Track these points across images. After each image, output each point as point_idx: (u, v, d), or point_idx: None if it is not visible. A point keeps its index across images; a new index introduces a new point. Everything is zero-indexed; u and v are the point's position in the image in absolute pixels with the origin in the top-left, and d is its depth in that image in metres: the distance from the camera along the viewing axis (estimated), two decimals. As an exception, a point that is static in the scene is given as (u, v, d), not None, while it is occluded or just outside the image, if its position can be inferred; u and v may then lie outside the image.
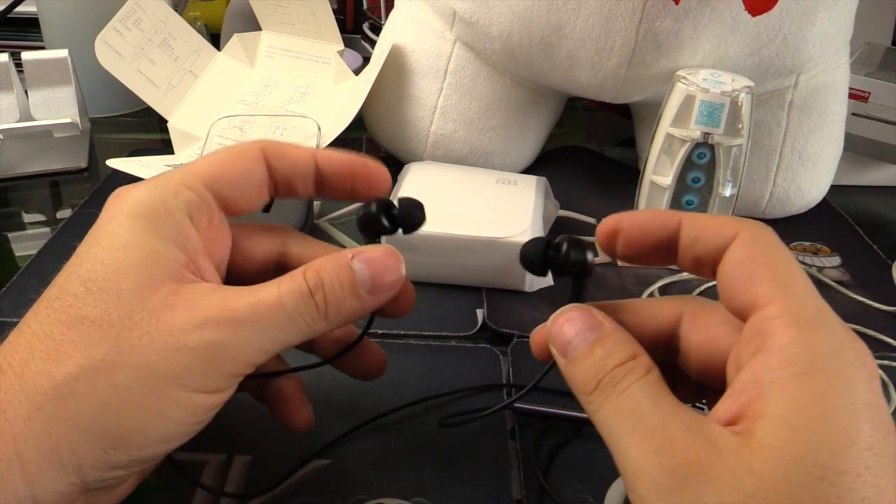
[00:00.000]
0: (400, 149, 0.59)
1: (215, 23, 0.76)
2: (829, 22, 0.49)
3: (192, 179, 0.27)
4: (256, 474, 0.32)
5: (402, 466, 0.33)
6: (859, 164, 0.62)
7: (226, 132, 0.60)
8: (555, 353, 0.25)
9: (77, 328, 0.24)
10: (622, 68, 0.49)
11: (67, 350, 0.24)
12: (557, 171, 0.59)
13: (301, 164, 0.29)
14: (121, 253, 0.25)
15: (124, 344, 0.24)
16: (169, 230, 0.25)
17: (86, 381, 0.23)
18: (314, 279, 0.26)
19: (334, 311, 0.26)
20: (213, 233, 0.28)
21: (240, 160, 0.28)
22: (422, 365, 0.39)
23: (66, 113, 0.59)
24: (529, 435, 0.35)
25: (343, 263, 0.26)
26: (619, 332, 0.25)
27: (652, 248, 0.26)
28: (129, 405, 0.23)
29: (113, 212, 0.26)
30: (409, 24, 0.57)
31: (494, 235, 0.44)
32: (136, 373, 0.23)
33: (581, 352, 0.24)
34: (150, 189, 0.26)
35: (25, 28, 0.80)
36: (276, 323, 0.25)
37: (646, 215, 0.27)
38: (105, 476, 0.24)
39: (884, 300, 0.47)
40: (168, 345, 0.24)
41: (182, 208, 0.26)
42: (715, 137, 0.45)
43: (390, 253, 0.27)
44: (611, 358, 0.23)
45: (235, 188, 0.28)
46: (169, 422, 0.24)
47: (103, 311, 0.24)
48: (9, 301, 0.43)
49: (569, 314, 0.25)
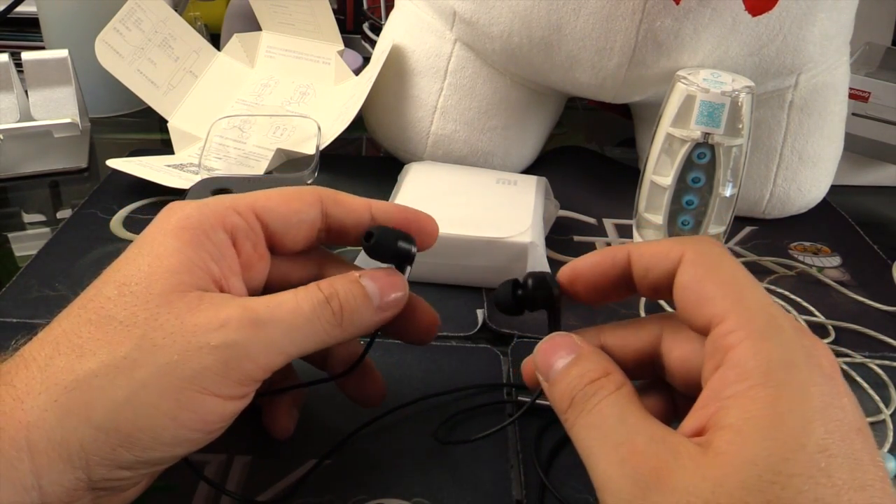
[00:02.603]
0: (400, 149, 0.59)
1: (215, 23, 0.76)
2: (829, 22, 0.49)
3: (244, 206, 0.28)
4: (256, 474, 0.32)
5: (402, 466, 0.33)
6: (859, 164, 0.62)
7: (226, 132, 0.60)
8: (541, 379, 0.27)
9: (104, 328, 0.25)
10: (622, 68, 0.49)
11: (91, 347, 0.24)
12: (557, 171, 0.59)
13: (356, 211, 0.30)
14: (157, 260, 0.26)
15: (147, 343, 0.24)
16: (209, 245, 0.27)
17: (105, 377, 0.24)
18: (328, 289, 0.27)
19: (349, 319, 0.27)
20: (255, 259, 0.29)
21: (295, 200, 0.29)
22: (422, 365, 0.39)
23: (66, 113, 0.59)
24: (530, 435, 0.35)
25: (353, 279, 0.28)
26: (595, 354, 0.26)
27: (611, 286, 0.28)
28: (144, 404, 0.24)
29: (161, 222, 0.27)
30: (410, 24, 0.57)
31: (494, 235, 0.44)
32: (155, 371, 0.24)
33: (559, 373, 0.26)
34: (200, 206, 0.28)
35: (25, 28, 0.80)
36: (294, 325, 0.26)
37: (596, 256, 0.28)
38: (110, 476, 0.24)
39: (884, 300, 0.47)
40: (190, 344, 0.24)
41: (227, 229, 0.28)
42: (715, 137, 0.45)
43: (392, 273, 0.29)
44: (584, 377, 0.25)
45: (284, 224, 0.29)
46: (180, 426, 0.24)
47: (131, 313, 0.25)
48: (9, 301, 0.43)
49: (551, 341, 0.27)
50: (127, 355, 0.24)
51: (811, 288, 0.48)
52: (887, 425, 0.37)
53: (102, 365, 0.24)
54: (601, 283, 0.28)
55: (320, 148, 0.56)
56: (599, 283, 0.28)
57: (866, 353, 0.42)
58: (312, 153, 0.56)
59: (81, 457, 0.23)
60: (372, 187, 0.56)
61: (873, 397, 0.39)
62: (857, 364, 0.41)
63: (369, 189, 0.56)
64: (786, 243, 0.54)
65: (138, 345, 0.24)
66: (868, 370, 0.41)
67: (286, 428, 0.33)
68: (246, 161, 0.59)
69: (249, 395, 0.26)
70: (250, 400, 0.27)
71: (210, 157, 0.58)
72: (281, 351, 0.26)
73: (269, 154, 0.58)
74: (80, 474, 0.24)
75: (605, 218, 0.55)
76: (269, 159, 0.57)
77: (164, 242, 0.26)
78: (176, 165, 0.57)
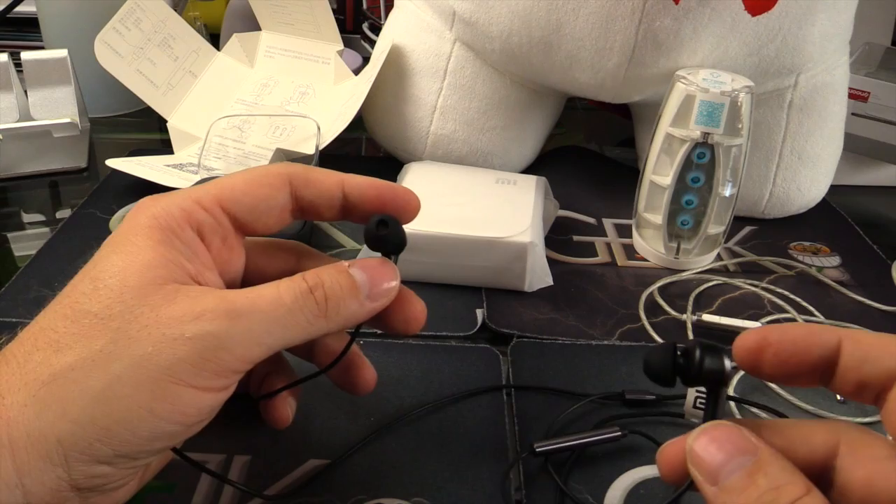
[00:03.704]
0: (399, 149, 0.59)
1: (215, 23, 0.76)
2: (829, 22, 0.49)
3: (209, 200, 0.28)
4: (256, 474, 0.32)
5: (401, 466, 0.33)
6: (859, 164, 0.62)
7: (225, 132, 0.60)
8: (697, 477, 0.22)
9: (80, 322, 0.24)
10: (622, 68, 0.49)
11: (68, 342, 0.24)
12: (557, 171, 0.59)
13: (328, 191, 0.29)
14: (131, 256, 0.26)
15: (122, 336, 0.24)
16: (179, 243, 0.26)
17: (81, 370, 0.24)
18: (313, 279, 0.27)
19: (334, 310, 0.27)
20: (226, 252, 0.29)
21: (261, 186, 0.28)
22: (421, 365, 0.39)
23: (66, 113, 0.59)
24: (530, 435, 0.35)
25: (341, 269, 0.27)
26: (781, 460, 0.21)
27: (807, 368, 0.24)
28: (120, 396, 0.24)
29: (131, 223, 0.27)
30: (409, 24, 0.57)
31: (494, 235, 0.44)
32: (130, 364, 0.24)
33: (739, 481, 0.21)
34: (166, 205, 0.27)
35: (25, 28, 0.80)
36: (275, 317, 0.25)
37: (800, 331, 0.24)
38: (91, 472, 0.24)
39: (884, 300, 0.47)
40: (165, 336, 0.24)
41: (193, 226, 0.27)
42: (715, 137, 0.45)
43: (385, 262, 0.29)
44: (781, 492, 0.20)
45: (253, 212, 0.28)
46: (157, 418, 0.24)
47: (106, 307, 0.24)
48: (8, 301, 0.43)
49: (713, 433, 0.22)
50: (102, 348, 0.24)
51: (811, 288, 0.48)
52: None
53: (79, 359, 0.24)
54: (795, 363, 0.24)
55: (320, 148, 0.56)
56: (793, 361, 0.24)
57: (866, 352, 0.42)
58: (312, 153, 0.56)
59: (59, 452, 0.23)
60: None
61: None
62: (857, 364, 0.41)
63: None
64: (785, 243, 0.54)
65: (113, 338, 0.24)
66: (868, 370, 0.41)
67: (284, 418, 0.32)
68: (245, 161, 0.59)
69: (230, 386, 0.26)
70: (231, 392, 0.26)
71: (209, 157, 0.58)
72: (259, 342, 0.25)
73: (268, 154, 0.58)
74: (60, 472, 0.23)
75: (604, 218, 0.55)
76: (268, 159, 0.57)
77: (136, 242, 0.26)
78: (175, 165, 0.57)
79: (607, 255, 0.51)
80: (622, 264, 0.50)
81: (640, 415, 0.37)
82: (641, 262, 0.50)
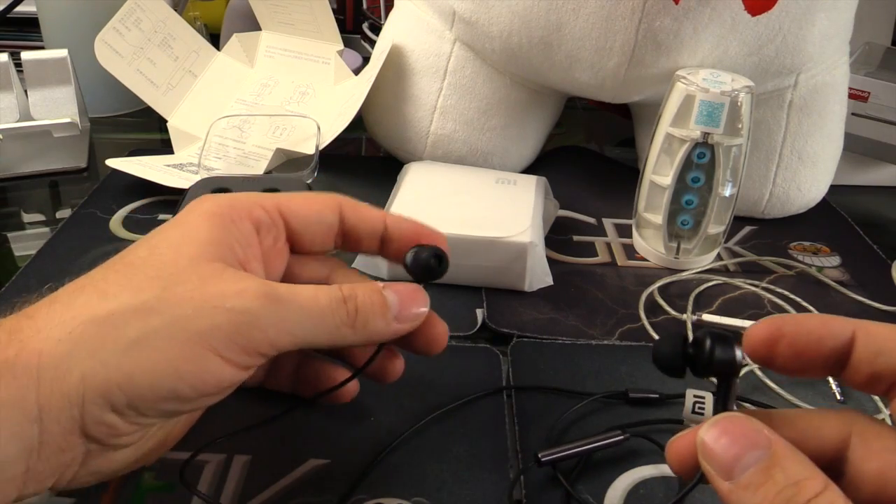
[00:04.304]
0: (399, 149, 0.59)
1: (215, 23, 0.76)
2: (829, 22, 0.49)
3: (269, 203, 0.30)
4: (256, 474, 0.32)
5: (401, 466, 0.33)
6: (859, 164, 0.62)
7: (225, 132, 0.60)
8: (710, 471, 0.21)
9: (130, 276, 0.26)
10: (622, 68, 0.49)
11: (114, 291, 0.26)
12: (557, 171, 0.59)
13: (372, 220, 0.32)
14: (189, 232, 0.28)
15: (167, 295, 0.25)
16: (236, 231, 0.29)
17: (121, 316, 0.25)
18: (348, 291, 0.28)
19: (362, 323, 0.28)
20: (274, 253, 0.31)
21: (316, 203, 0.31)
22: (421, 364, 0.39)
23: (66, 113, 0.59)
24: (530, 435, 0.35)
25: (375, 289, 0.29)
26: (797, 453, 0.21)
27: (821, 360, 0.23)
28: (152, 349, 0.25)
29: (195, 206, 0.29)
30: (409, 24, 0.57)
31: (494, 235, 0.44)
32: (169, 320, 0.25)
33: (755, 477, 0.20)
34: (230, 199, 0.30)
35: (25, 28, 0.80)
36: (309, 313, 0.27)
37: (815, 322, 0.23)
38: (101, 418, 0.24)
39: (884, 300, 0.47)
40: (206, 303, 0.25)
41: (252, 221, 0.29)
42: (715, 137, 0.45)
43: (417, 289, 0.30)
44: (800, 488, 0.20)
45: (305, 225, 0.31)
46: (178, 378, 0.25)
47: (158, 269, 0.26)
48: (9, 301, 0.42)
49: (725, 425, 0.21)
50: (146, 301, 0.25)
51: (811, 288, 0.48)
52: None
53: (121, 306, 0.25)
54: (809, 354, 0.23)
55: (320, 148, 0.56)
56: (807, 353, 0.23)
57: (866, 352, 0.42)
58: (312, 153, 0.56)
59: (79, 390, 0.24)
60: (371, 187, 0.56)
61: (873, 397, 0.39)
62: (857, 364, 0.41)
63: (369, 189, 0.56)
64: (785, 243, 0.54)
65: (158, 295, 0.25)
66: (868, 370, 0.41)
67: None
68: (245, 161, 0.59)
69: (251, 368, 0.27)
70: (250, 373, 0.27)
71: (209, 157, 0.58)
72: (290, 332, 0.27)
73: (268, 154, 0.58)
74: (76, 412, 0.24)
75: (604, 218, 0.55)
76: (268, 159, 0.57)
77: (196, 222, 0.28)
78: (175, 165, 0.57)
79: (607, 255, 0.51)
80: (622, 264, 0.50)
81: (641, 417, 0.37)
82: (641, 262, 0.50)
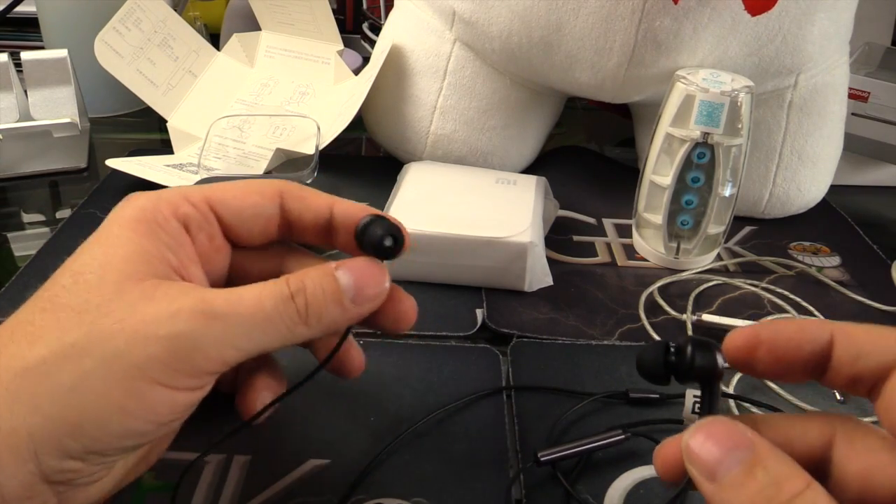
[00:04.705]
0: (399, 149, 0.59)
1: (215, 23, 0.76)
2: (829, 22, 0.49)
3: (197, 197, 0.28)
4: (255, 474, 0.32)
5: (401, 466, 0.33)
6: (859, 164, 0.62)
7: (225, 132, 0.60)
8: (695, 475, 0.21)
9: (56, 315, 0.24)
10: (622, 68, 0.49)
11: (42, 335, 0.24)
12: (557, 171, 0.59)
13: (317, 207, 0.29)
14: (112, 249, 0.26)
15: (96, 331, 0.24)
16: (164, 235, 0.26)
17: (53, 363, 0.23)
18: (296, 284, 0.26)
19: (315, 317, 0.26)
20: (212, 251, 0.29)
21: (251, 193, 0.29)
22: (421, 364, 0.39)
23: (66, 113, 0.59)
24: (530, 435, 0.35)
25: (326, 272, 0.27)
26: (779, 453, 0.21)
27: (800, 364, 0.23)
28: (91, 392, 0.23)
29: (115, 215, 0.27)
30: (409, 24, 0.57)
31: (494, 235, 0.44)
32: (102, 359, 0.23)
33: (738, 477, 0.20)
34: (153, 198, 0.27)
35: (25, 28, 0.80)
36: (253, 321, 0.25)
37: (792, 327, 0.24)
38: (62, 467, 0.24)
39: (884, 300, 0.47)
40: (138, 333, 0.24)
41: (180, 219, 0.27)
42: (714, 137, 0.45)
43: (374, 265, 0.27)
44: (782, 487, 0.20)
45: (239, 217, 0.29)
46: (128, 416, 0.24)
47: (84, 301, 0.24)
48: (8, 301, 0.43)
49: (709, 429, 0.21)
50: (75, 342, 0.23)
51: (811, 288, 0.48)
52: (887, 425, 0.37)
53: (51, 352, 0.23)
54: (788, 359, 0.23)
55: (319, 148, 0.56)
56: (786, 358, 0.23)
57: (866, 352, 0.42)
58: (312, 153, 0.56)
59: (30, 447, 0.23)
60: (371, 187, 0.56)
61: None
62: (857, 364, 0.41)
63: (369, 189, 0.56)
64: (785, 243, 0.54)
65: (87, 332, 0.24)
66: (868, 370, 0.41)
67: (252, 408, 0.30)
68: (245, 161, 0.59)
69: (205, 386, 0.26)
70: (207, 391, 0.26)
71: (209, 157, 0.58)
72: (235, 346, 0.25)
73: (268, 154, 0.58)
74: (31, 466, 0.23)
75: (604, 218, 0.55)
76: (268, 159, 0.57)
77: (119, 234, 0.26)
78: (175, 165, 0.57)
79: (607, 255, 0.51)
80: (622, 264, 0.50)
81: (641, 417, 0.37)
82: (641, 262, 0.50)
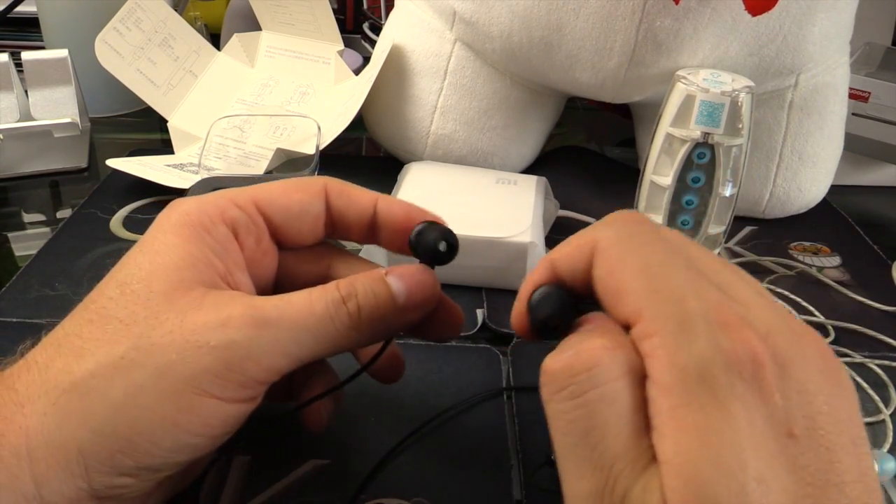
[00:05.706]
0: (400, 149, 0.59)
1: (215, 23, 0.76)
2: (829, 22, 0.49)
3: (244, 199, 0.27)
4: (256, 474, 0.32)
5: (402, 466, 0.33)
6: (859, 164, 0.62)
7: (226, 132, 0.60)
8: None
9: (104, 327, 0.24)
10: (622, 68, 0.49)
11: (90, 348, 0.23)
12: (557, 171, 0.59)
13: (361, 204, 0.29)
14: (158, 257, 0.25)
15: (145, 343, 0.23)
16: (210, 240, 0.26)
17: (103, 378, 0.23)
18: (347, 288, 0.26)
19: (367, 322, 0.26)
20: (259, 254, 0.28)
21: (297, 191, 0.28)
22: (421, 365, 0.39)
23: (66, 113, 0.59)
24: (530, 435, 0.35)
25: (377, 277, 0.26)
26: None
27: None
28: (142, 407, 0.23)
29: (161, 221, 0.26)
30: (409, 24, 0.57)
31: (494, 235, 0.44)
32: (152, 372, 0.23)
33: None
34: (199, 202, 0.26)
35: (25, 28, 0.80)
36: (304, 327, 0.24)
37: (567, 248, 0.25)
38: (112, 483, 0.23)
39: (884, 300, 0.47)
40: (189, 343, 0.23)
41: (227, 223, 0.26)
42: (715, 137, 0.45)
43: (426, 271, 0.27)
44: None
45: (287, 216, 0.28)
46: (180, 430, 0.23)
47: (131, 312, 0.24)
48: (9, 301, 0.43)
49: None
50: (124, 355, 0.23)
51: (811, 288, 0.48)
52: (887, 425, 0.37)
53: (100, 365, 0.23)
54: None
55: (320, 148, 0.56)
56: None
57: (866, 353, 0.42)
58: (312, 153, 0.56)
59: (80, 463, 0.22)
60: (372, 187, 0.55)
61: (873, 397, 0.39)
62: (857, 364, 0.41)
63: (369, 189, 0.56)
64: (786, 243, 0.54)
65: (136, 344, 0.23)
66: (868, 370, 0.41)
67: (317, 422, 0.30)
68: (246, 161, 0.59)
69: (256, 397, 0.25)
70: (259, 402, 0.25)
71: (210, 157, 0.58)
72: (287, 353, 0.24)
73: (268, 154, 0.58)
74: (81, 482, 0.23)
75: (604, 218, 0.55)
76: (268, 159, 0.57)
77: (165, 240, 0.25)
78: (176, 165, 0.57)
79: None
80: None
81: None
82: (641, 262, 0.50)
